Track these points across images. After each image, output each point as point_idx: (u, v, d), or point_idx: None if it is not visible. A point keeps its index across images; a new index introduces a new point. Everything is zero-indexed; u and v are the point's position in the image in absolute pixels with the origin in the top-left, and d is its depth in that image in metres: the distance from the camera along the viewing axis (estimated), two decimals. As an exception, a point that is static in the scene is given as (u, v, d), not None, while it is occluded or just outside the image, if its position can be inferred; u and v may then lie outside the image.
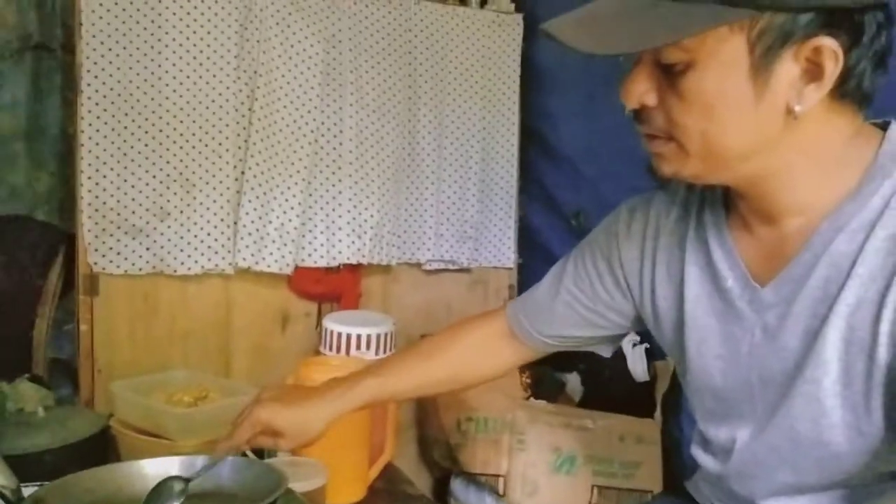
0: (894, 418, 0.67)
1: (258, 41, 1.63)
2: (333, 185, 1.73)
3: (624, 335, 1.01)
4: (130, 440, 1.25)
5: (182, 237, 1.60)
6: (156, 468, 0.98)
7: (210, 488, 0.96)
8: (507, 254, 2.02)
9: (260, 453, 1.33)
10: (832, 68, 0.64)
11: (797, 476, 0.78)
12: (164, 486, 0.92)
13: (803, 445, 0.75)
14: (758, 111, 0.66)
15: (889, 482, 0.73)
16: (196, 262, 1.61)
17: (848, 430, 0.71)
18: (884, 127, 0.72)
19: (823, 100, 0.66)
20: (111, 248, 1.55)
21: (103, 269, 1.55)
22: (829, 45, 0.64)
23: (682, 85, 0.67)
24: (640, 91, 0.69)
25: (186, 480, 0.93)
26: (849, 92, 0.67)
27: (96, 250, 1.54)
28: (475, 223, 1.96)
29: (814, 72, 0.65)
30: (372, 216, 1.77)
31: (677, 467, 1.60)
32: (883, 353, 0.66)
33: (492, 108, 1.95)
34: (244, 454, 1.13)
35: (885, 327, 0.66)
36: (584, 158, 1.91)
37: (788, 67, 0.65)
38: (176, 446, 1.17)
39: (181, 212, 1.59)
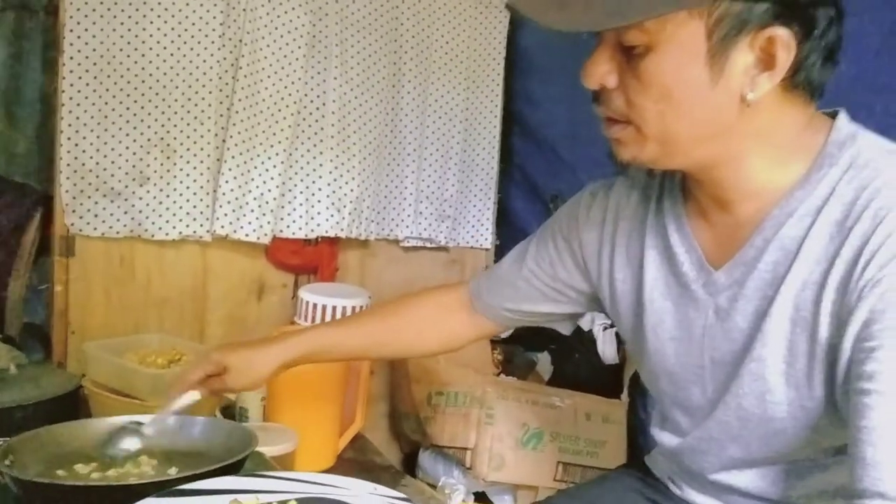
0: (834, 393, 0.70)
1: (244, 9, 1.63)
2: (314, 158, 1.74)
3: (581, 314, 1.04)
4: (102, 399, 1.26)
5: (161, 202, 1.60)
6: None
7: (182, 446, 0.99)
8: (484, 234, 2.04)
9: (231, 417, 1.35)
10: (784, 58, 0.67)
11: (745, 451, 0.81)
12: (118, 432, 0.95)
13: (751, 421, 0.78)
14: (713, 96, 0.68)
15: (832, 457, 0.76)
16: (174, 227, 1.62)
17: (791, 406, 0.74)
18: (834, 116, 0.74)
19: (776, 89, 0.69)
20: (89, 211, 1.55)
21: (80, 230, 1.55)
22: (782, 36, 0.66)
23: (641, 67, 0.69)
24: (602, 72, 0.71)
25: (139, 423, 0.96)
26: (800, 83, 0.70)
27: (74, 212, 1.54)
28: (454, 203, 1.97)
29: (767, 61, 0.67)
30: (352, 190, 1.77)
31: (641, 446, 1.64)
32: (824, 332, 0.69)
33: (475, 88, 1.96)
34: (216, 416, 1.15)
35: (826, 307, 0.69)
36: (563, 143, 1.93)
37: (743, 55, 0.67)
38: (147, 406, 1.19)
39: (161, 177, 1.59)
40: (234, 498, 0.70)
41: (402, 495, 0.74)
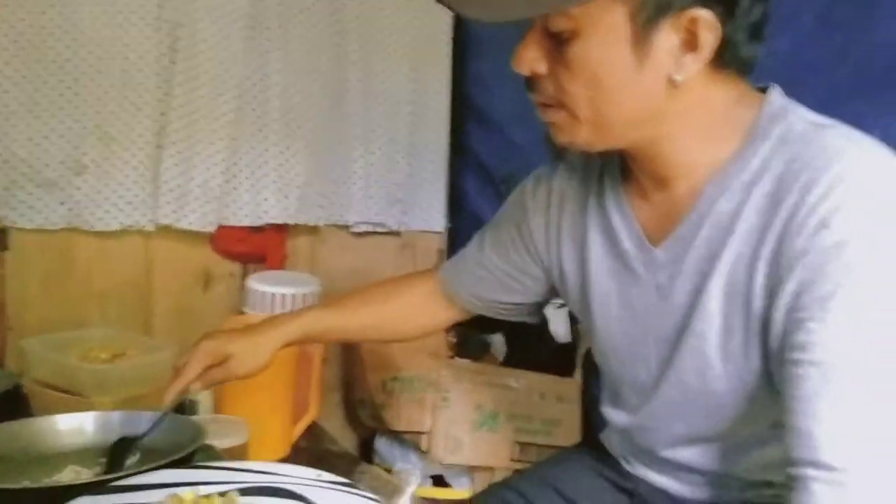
0: (769, 366, 0.71)
1: (181, -10, 1.58)
2: (259, 143, 1.70)
3: (543, 303, 1.05)
4: (44, 398, 1.22)
5: (99, 192, 1.54)
6: (69, 423, 0.97)
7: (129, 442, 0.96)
8: (436, 218, 2.02)
9: (180, 410, 1.31)
10: (708, 39, 0.67)
11: (689, 427, 0.82)
12: (118, 446, 0.93)
13: (693, 397, 0.79)
14: (640, 79, 0.69)
15: (771, 430, 0.78)
16: (114, 217, 1.56)
17: (730, 379, 0.75)
18: (765, 91, 0.75)
19: (704, 69, 0.69)
20: (22, 202, 1.49)
21: (14, 223, 1.49)
22: (705, 17, 0.66)
23: (568, 53, 0.69)
24: (531, 58, 0.71)
25: (136, 438, 0.94)
26: (727, 61, 0.70)
27: (6, 203, 1.47)
28: (405, 186, 1.95)
29: (692, 42, 0.68)
30: (298, 175, 1.74)
31: (595, 424, 1.65)
32: (757, 305, 0.70)
33: (422, 70, 1.93)
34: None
35: (759, 279, 0.70)
36: (514, 124, 1.92)
37: (668, 37, 0.67)
38: (91, 403, 1.15)
39: (98, 165, 1.54)
40: (174, 493, 0.68)
41: (346, 480, 0.74)
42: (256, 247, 1.73)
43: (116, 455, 0.91)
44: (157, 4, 1.55)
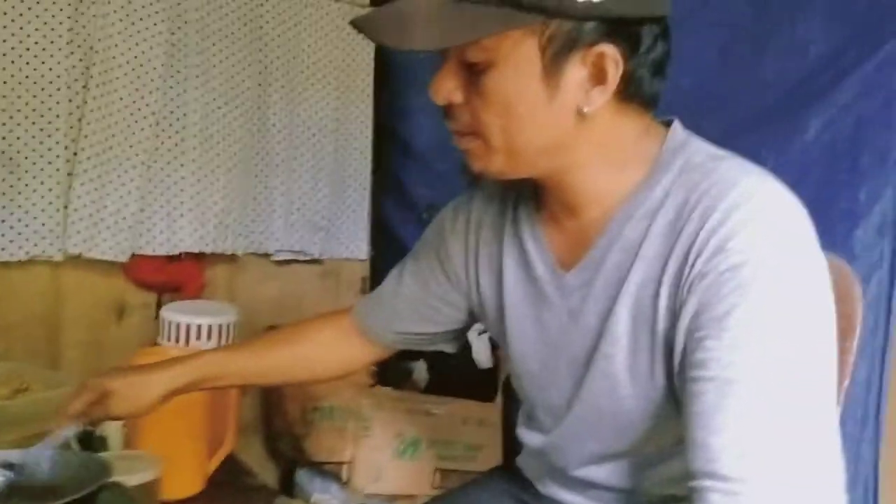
0: (673, 384, 0.75)
1: (94, 15, 1.54)
2: (175, 170, 1.67)
3: (462, 330, 1.06)
4: (-61, 437, 1.16)
5: (4, 221, 1.49)
6: (-37, 463, 0.92)
7: (31, 482, 0.91)
8: (359, 246, 2.03)
9: (88, 447, 1.26)
10: (614, 73, 0.71)
11: (601, 445, 0.85)
12: None
13: (604, 416, 0.81)
14: (551, 110, 0.72)
15: (677, 446, 0.81)
16: (20, 247, 1.50)
17: (637, 399, 0.78)
18: (669, 124, 0.80)
19: (611, 102, 0.73)
20: (-81, 231, 1.42)
21: None
22: (610, 53, 0.70)
23: (483, 83, 0.71)
24: (448, 88, 0.73)
25: (10, 465, 0.89)
26: (632, 95, 0.74)
27: None
28: (327, 214, 1.95)
29: (599, 76, 0.71)
30: (216, 203, 1.72)
31: (515, 447, 1.67)
32: (661, 326, 0.74)
33: (346, 99, 1.95)
34: (69, 446, 1.08)
35: (662, 302, 0.73)
36: (437, 154, 1.96)
37: (576, 71, 0.71)
38: (-6, 441, 1.10)
39: (3, 193, 1.48)
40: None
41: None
42: (172, 276, 1.69)
43: None
44: (69, 28, 1.52)
